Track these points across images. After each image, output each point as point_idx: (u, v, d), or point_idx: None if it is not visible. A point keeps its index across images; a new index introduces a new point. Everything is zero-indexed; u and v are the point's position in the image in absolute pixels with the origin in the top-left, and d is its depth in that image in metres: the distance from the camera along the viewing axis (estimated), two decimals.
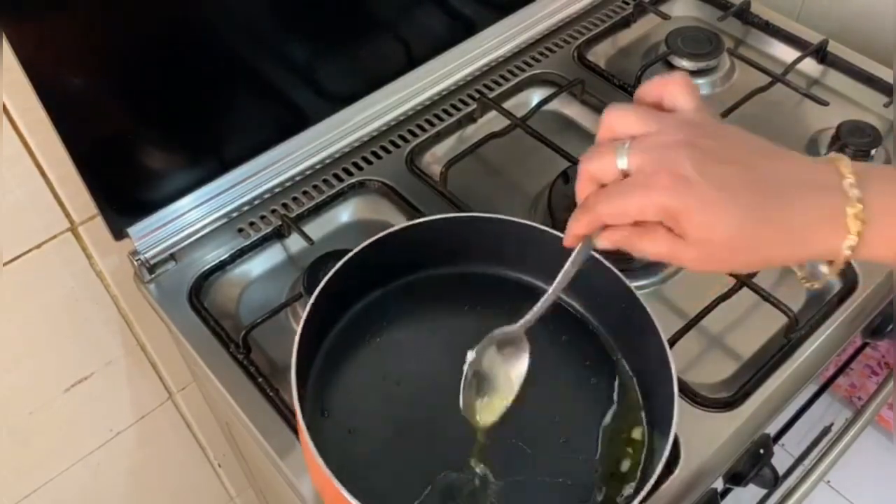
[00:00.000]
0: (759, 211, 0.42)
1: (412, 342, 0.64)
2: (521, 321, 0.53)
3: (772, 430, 0.71)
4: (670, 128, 0.44)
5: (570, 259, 0.50)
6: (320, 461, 0.49)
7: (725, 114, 0.84)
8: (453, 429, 0.56)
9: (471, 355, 0.54)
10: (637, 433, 0.59)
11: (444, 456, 0.57)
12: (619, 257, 0.71)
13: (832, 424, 1.01)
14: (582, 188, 0.47)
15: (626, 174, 0.45)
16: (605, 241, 0.47)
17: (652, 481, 0.51)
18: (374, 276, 0.65)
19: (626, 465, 0.58)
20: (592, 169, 0.46)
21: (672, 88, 0.47)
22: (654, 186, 0.43)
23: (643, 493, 0.51)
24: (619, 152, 0.45)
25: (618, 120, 0.46)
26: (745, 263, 0.44)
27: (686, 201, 0.42)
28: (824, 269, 0.45)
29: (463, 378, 0.54)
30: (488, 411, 0.55)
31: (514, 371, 0.54)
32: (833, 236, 0.42)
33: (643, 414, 0.60)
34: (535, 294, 0.54)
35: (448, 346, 0.58)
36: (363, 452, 0.58)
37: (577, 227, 0.48)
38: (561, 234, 0.50)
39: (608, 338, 0.64)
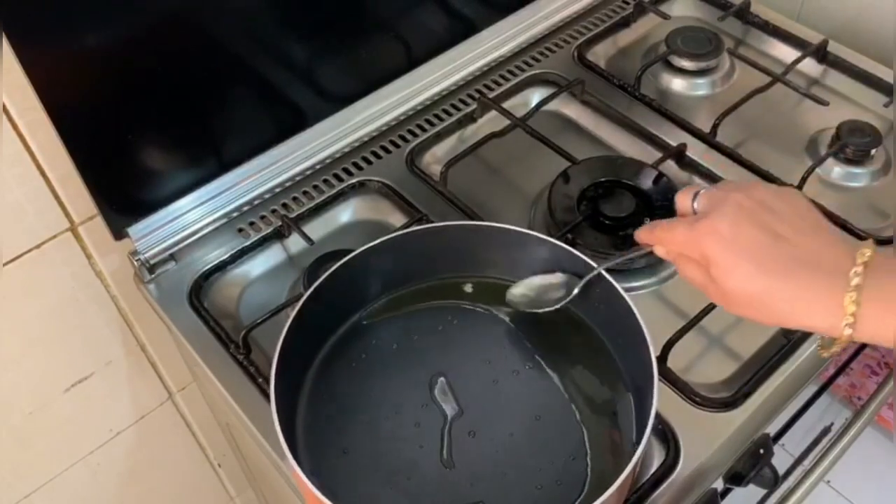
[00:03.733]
0: (770, 280, 0.47)
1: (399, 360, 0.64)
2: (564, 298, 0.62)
3: (772, 430, 0.71)
4: (745, 189, 0.50)
5: (631, 252, 0.61)
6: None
7: (725, 114, 0.83)
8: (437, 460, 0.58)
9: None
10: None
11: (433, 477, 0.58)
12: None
13: (832, 424, 1.01)
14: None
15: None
16: (660, 252, 0.55)
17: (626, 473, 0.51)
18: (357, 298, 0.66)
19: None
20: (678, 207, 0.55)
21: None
22: (695, 230, 0.50)
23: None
24: (696, 196, 0.52)
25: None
26: (761, 319, 0.49)
27: (714, 251, 0.48)
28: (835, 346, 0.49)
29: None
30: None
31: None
32: (831, 315, 0.45)
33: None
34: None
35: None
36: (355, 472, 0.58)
37: (643, 238, 0.56)
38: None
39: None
